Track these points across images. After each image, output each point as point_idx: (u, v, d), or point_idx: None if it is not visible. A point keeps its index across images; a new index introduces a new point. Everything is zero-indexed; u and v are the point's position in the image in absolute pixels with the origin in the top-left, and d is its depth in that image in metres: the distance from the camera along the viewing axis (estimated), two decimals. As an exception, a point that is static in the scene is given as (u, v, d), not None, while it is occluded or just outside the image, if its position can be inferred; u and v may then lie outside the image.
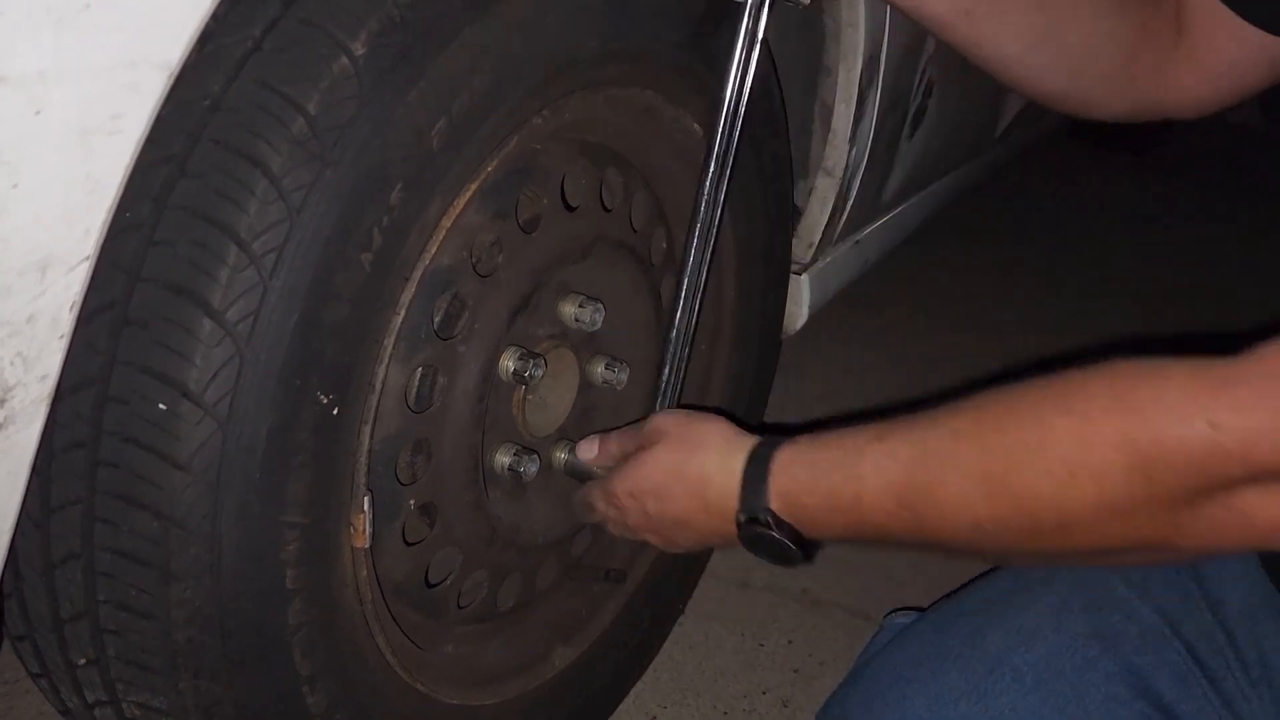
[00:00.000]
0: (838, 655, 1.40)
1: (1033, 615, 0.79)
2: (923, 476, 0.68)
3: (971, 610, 0.84)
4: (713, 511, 0.81)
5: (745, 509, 0.78)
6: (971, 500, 0.66)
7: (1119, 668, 0.76)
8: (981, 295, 2.65)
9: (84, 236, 0.59)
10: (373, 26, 0.69)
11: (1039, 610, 0.80)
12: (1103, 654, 0.77)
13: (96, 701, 0.77)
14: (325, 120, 0.67)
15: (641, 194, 1.08)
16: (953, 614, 0.85)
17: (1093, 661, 0.77)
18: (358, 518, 0.81)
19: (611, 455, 0.93)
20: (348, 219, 0.70)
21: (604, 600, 1.19)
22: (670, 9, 0.96)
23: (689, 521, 0.84)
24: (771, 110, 1.16)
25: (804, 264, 1.41)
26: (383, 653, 0.87)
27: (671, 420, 0.89)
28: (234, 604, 0.72)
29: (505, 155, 0.85)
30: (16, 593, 0.75)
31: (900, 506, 0.70)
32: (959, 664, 0.78)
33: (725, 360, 1.25)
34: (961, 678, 0.77)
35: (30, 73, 0.54)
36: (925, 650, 0.82)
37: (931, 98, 1.50)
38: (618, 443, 0.93)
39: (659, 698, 1.31)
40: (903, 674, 0.80)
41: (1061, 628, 0.78)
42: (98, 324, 0.67)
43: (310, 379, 0.71)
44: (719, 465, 0.81)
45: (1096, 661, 0.77)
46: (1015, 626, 0.79)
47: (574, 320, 0.99)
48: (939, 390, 2.16)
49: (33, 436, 0.62)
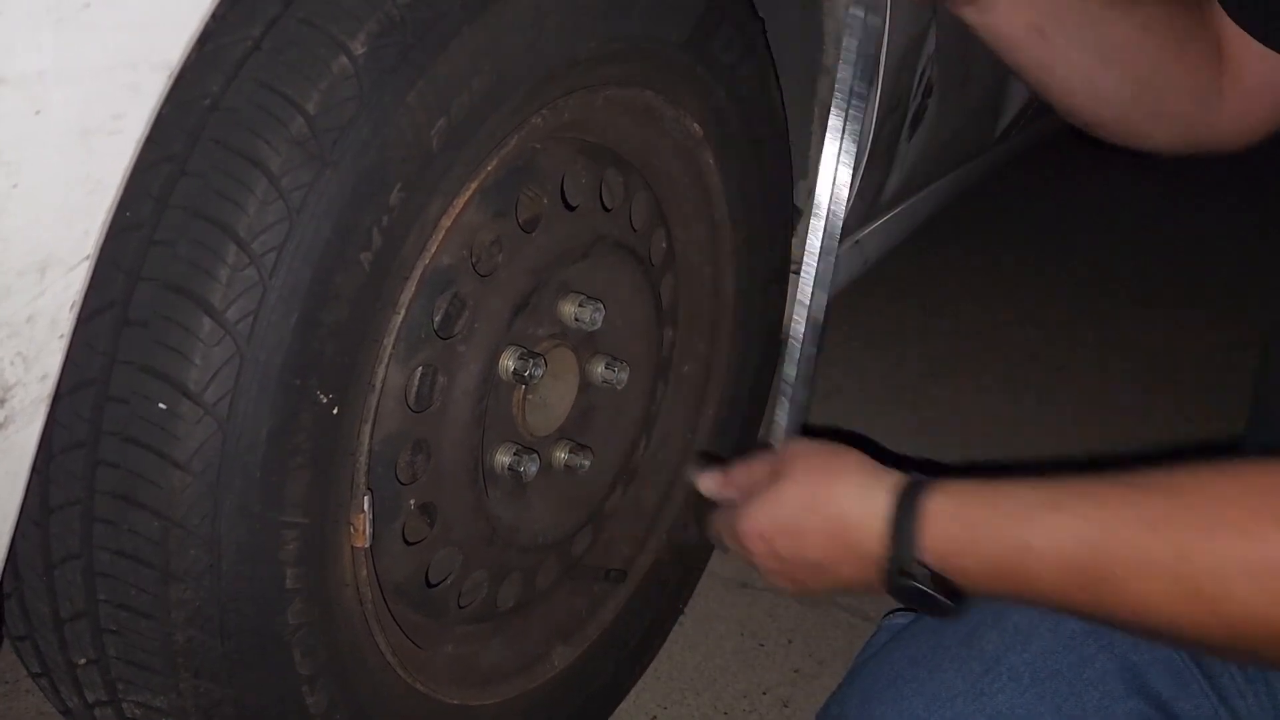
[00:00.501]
0: (838, 655, 1.40)
1: (1029, 615, 0.79)
2: (1110, 568, 0.64)
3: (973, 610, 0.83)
4: (855, 556, 0.74)
5: (895, 560, 0.71)
6: (1171, 604, 0.61)
7: (1115, 665, 0.76)
8: (982, 295, 2.64)
9: (84, 236, 0.59)
10: (372, 26, 0.69)
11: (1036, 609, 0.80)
12: (1099, 652, 0.76)
13: (97, 701, 0.77)
14: (325, 120, 0.67)
15: (641, 194, 1.08)
16: None
17: (1089, 659, 0.76)
18: (357, 517, 0.81)
19: (738, 488, 0.84)
20: (347, 219, 0.70)
21: (604, 600, 1.19)
22: (670, 9, 0.96)
23: (827, 566, 0.76)
24: (772, 110, 1.16)
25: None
26: (383, 653, 0.87)
27: (802, 450, 0.80)
28: (234, 604, 0.72)
29: (505, 155, 0.85)
30: (16, 593, 0.75)
31: (1080, 590, 0.65)
32: (956, 663, 0.78)
33: (725, 360, 1.25)
34: (958, 677, 0.77)
35: (30, 73, 0.54)
36: (922, 650, 0.81)
37: (931, 98, 1.50)
38: (745, 475, 0.84)
39: (659, 698, 1.31)
40: (900, 674, 0.80)
41: (1058, 627, 0.78)
42: (98, 324, 0.67)
43: (310, 379, 0.71)
44: (859, 504, 0.74)
45: (1093, 659, 0.76)
46: (1012, 626, 0.79)
47: (574, 320, 0.99)
48: (939, 390, 2.16)
49: (32, 436, 0.62)
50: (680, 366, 1.23)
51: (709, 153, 1.09)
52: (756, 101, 1.12)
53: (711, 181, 1.11)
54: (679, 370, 1.23)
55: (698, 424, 1.26)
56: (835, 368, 2.20)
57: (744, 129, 1.11)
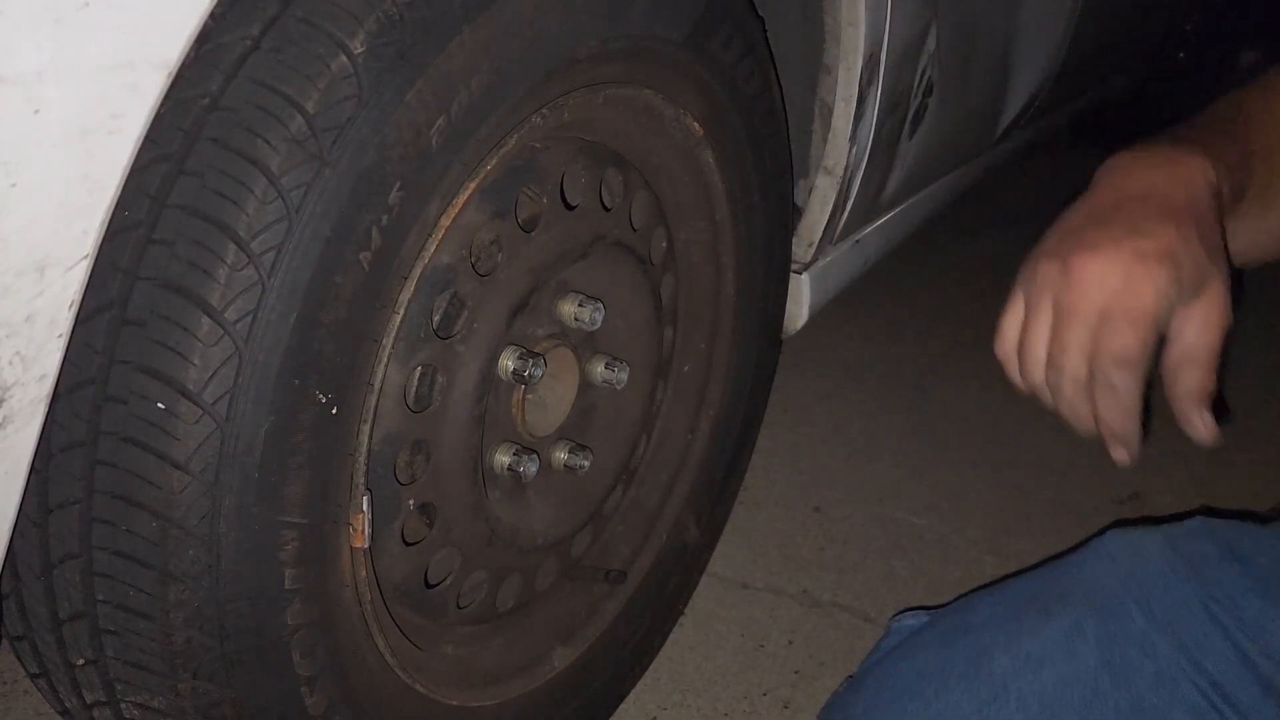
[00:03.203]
0: (838, 656, 1.40)
1: (1043, 640, 0.77)
2: None
3: (980, 625, 0.81)
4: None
5: None
6: None
7: (1129, 704, 0.73)
8: (982, 295, 2.64)
9: (82, 236, 0.59)
10: (371, 26, 0.69)
11: (1050, 635, 0.77)
12: (1114, 688, 0.74)
13: (95, 702, 0.77)
14: (324, 119, 0.67)
15: (641, 193, 1.08)
16: (961, 628, 0.83)
17: (1103, 695, 0.74)
18: (357, 518, 0.81)
19: None
20: (346, 218, 0.70)
21: (604, 600, 1.19)
22: (670, 8, 0.96)
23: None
24: (772, 109, 1.16)
25: (804, 263, 1.41)
26: (382, 653, 0.87)
27: None
28: (233, 604, 0.72)
29: (504, 154, 0.85)
30: (15, 593, 0.75)
31: None
32: (964, 684, 0.77)
33: (725, 360, 1.25)
34: (965, 699, 0.76)
35: (29, 72, 0.54)
36: (931, 665, 0.80)
37: (931, 97, 1.50)
38: None
39: (659, 698, 1.31)
40: (907, 687, 0.79)
41: (1073, 657, 0.75)
42: (96, 323, 0.67)
43: (309, 378, 0.71)
44: None
45: (1107, 696, 0.74)
46: (1024, 651, 0.77)
47: (573, 320, 0.99)
48: (939, 390, 2.16)
49: (31, 436, 0.62)
50: (680, 366, 1.23)
51: (709, 152, 1.08)
52: (756, 101, 1.12)
53: (711, 181, 1.11)
54: (679, 370, 1.23)
55: (698, 424, 1.26)
56: (835, 368, 2.20)
57: (744, 129, 1.11)
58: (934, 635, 0.83)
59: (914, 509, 1.74)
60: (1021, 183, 3.45)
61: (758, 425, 1.38)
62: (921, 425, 2.00)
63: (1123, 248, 0.63)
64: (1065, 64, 2.18)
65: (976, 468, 1.86)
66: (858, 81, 1.24)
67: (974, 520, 1.71)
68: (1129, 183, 0.66)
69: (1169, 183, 0.65)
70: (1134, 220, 0.64)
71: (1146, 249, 0.63)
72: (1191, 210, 0.64)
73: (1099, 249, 0.64)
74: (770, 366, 1.36)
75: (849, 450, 1.89)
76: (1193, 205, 0.64)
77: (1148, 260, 0.63)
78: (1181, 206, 0.64)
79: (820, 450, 1.89)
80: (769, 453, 1.84)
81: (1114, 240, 0.64)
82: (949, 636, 0.82)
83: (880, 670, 0.83)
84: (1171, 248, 0.63)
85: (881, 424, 1.99)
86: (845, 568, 1.58)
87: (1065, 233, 0.67)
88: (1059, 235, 0.67)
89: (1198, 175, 0.65)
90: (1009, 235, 3.15)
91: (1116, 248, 0.64)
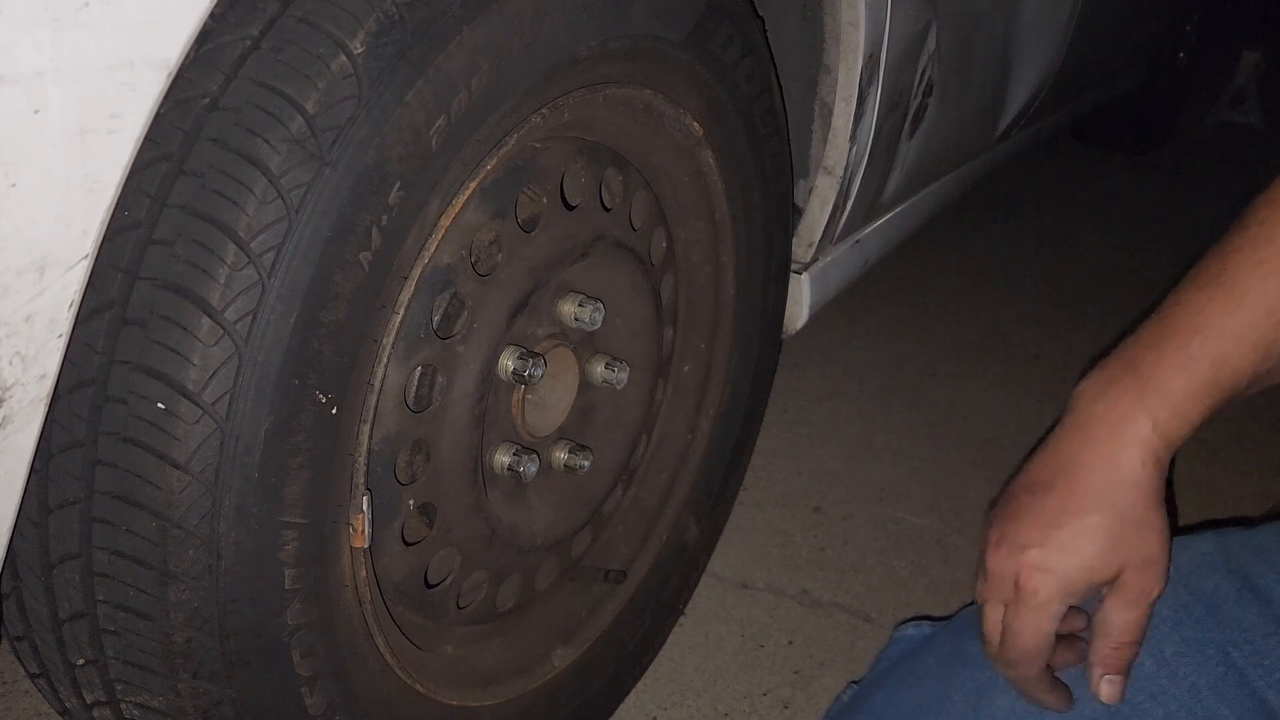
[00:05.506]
0: (838, 656, 1.40)
1: None
2: None
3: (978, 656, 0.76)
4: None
5: None
6: None
7: None
8: (982, 295, 2.64)
9: (82, 236, 0.59)
10: (371, 26, 0.69)
11: None
12: None
13: (95, 702, 0.77)
14: (324, 119, 0.67)
15: (641, 193, 1.08)
16: (959, 657, 0.79)
17: None
18: (357, 518, 0.81)
19: None
20: (346, 218, 0.70)
21: (604, 600, 1.19)
22: (670, 8, 0.96)
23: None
24: (772, 109, 1.16)
25: (804, 263, 1.41)
26: (382, 653, 0.87)
27: None
28: (233, 604, 0.72)
29: (504, 154, 0.85)
30: (15, 593, 0.75)
31: None
32: None
33: (725, 360, 1.25)
34: None
35: (28, 72, 0.54)
36: (929, 698, 0.78)
37: (931, 97, 1.50)
38: None
39: (659, 698, 1.31)
40: None
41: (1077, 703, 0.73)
42: (96, 323, 0.67)
43: (309, 378, 0.71)
44: None
45: None
46: None
47: (573, 320, 0.99)
48: (939, 390, 2.16)
49: (31, 436, 0.62)
50: (680, 366, 1.23)
51: (709, 152, 1.08)
52: (756, 101, 1.12)
53: (711, 181, 1.11)
54: (679, 370, 1.23)
55: (698, 424, 1.26)
56: (835, 368, 2.20)
57: (744, 129, 1.11)
58: (934, 662, 0.80)
59: (914, 509, 1.74)
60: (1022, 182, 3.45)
61: (758, 425, 1.38)
62: (921, 425, 2.00)
63: (1028, 555, 0.69)
64: (1065, 64, 2.18)
65: (976, 468, 1.86)
66: (858, 81, 1.24)
67: (974, 520, 1.71)
68: (1070, 455, 0.71)
69: (1106, 467, 0.69)
70: (1055, 514, 0.69)
71: (1036, 561, 0.69)
72: (1114, 501, 0.68)
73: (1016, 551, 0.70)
74: (770, 366, 1.36)
75: (849, 450, 1.89)
76: (1118, 491, 0.68)
77: (1034, 576, 0.69)
78: (1105, 500, 0.68)
79: (820, 450, 1.89)
80: (769, 453, 1.84)
81: (1035, 539, 0.70)
82: (949, 666, 0.79)
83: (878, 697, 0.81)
84: (1074, 553, 0.68)
85: (881, 424, 1.99)
86: (845, 568, 1.58)
87: (1008, 514, 0.72)
88: (1010, 504, 0.72)
89: (1135, 454, 0.68)
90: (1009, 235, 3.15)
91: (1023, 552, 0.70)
